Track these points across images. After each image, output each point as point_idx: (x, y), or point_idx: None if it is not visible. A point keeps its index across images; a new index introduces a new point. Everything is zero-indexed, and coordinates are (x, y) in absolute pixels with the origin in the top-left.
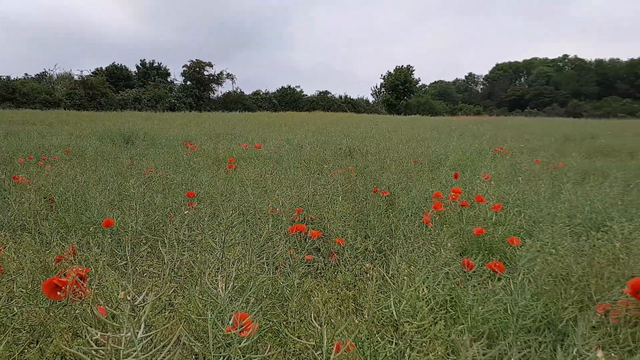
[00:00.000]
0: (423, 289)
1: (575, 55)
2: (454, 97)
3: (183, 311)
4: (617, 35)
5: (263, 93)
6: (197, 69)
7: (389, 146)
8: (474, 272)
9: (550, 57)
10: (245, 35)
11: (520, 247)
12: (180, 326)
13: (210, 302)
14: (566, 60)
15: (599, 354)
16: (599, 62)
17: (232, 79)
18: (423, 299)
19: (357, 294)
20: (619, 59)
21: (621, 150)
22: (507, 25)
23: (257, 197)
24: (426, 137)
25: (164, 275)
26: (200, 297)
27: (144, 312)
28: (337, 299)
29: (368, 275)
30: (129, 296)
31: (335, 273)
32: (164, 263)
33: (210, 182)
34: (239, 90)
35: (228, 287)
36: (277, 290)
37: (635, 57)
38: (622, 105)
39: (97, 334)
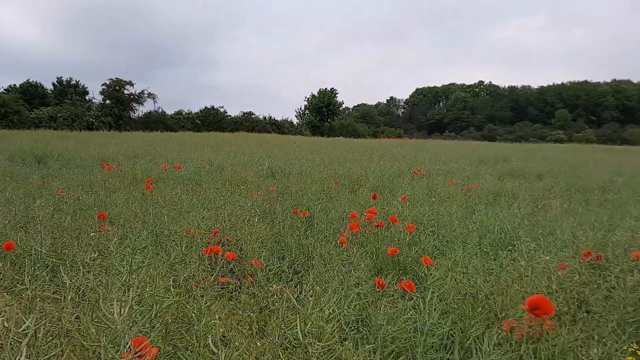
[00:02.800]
0: (329, 310)
1: (490, 82)
2: (376, 120)
3: (77, 338)
4: (527, 64)
5: (186, 113)
6: (117, 87)
7: (311, 167)
8: (385, 291)
9: (467, 83)
10: (167, 54)
11: (432, 266)
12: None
13: (105, 327)
14: (482, 86)
15: None
16: (512, 89)
17: (154, 98)
18: (328, 320)
19: (268, 316)
20: (530, 86)
21: (531, 173)
22: (426, 51)
23: (173, 218)
24: (348, 158)
25: (65, 300)
26: (94, 322)
27: (26, 340)
28: (244, 322)
29: (276, 297)
30: (7, 323)
31: (248, 295)
32: (67, 288)
33: (125, 204)
34: (160, 110)
35: (124, 311)
36: (186, 313)
37: (545, 85)
38: (533, 130)
39: None
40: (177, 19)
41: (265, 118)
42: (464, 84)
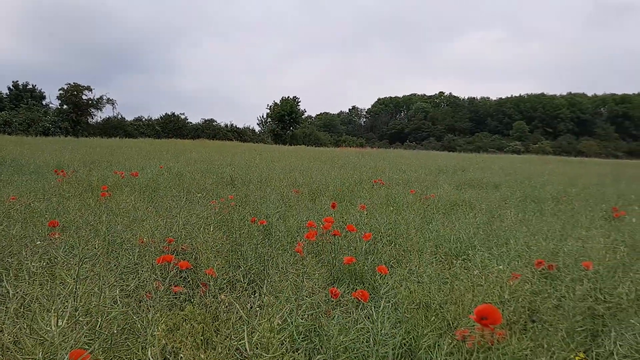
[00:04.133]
0: (278, 320)
1: (450, 93)
2: (339, 129)
3: (14, 352)
4: (487, 76)
5: (146, 119)
6: (75, 92)
7: (272, 176)
8: (339, 301)
9: (428, 93)
10: (127, 58)
11: (388, 275)
12: None
13: (42, 340)
14: (442, 97)
15: None
16: (472, 100)
17: (113, 104)
18: (278, 330)
19: (217, 327)
20: (489, 98)
21: (488, 183)
22: (388, 61)
23: (126, 226)
24: (309, 167)
25: (8, 311)
26: (29, 335)
27: None
28: (189, 333)
29: (224, 307)
30: None
31: (199, 305)
32: (9, 298)
33: (78, 211)
34: (120, 116)
35: (63, 323)
36: (133, 324)
37: (504, 97)
38: (492, 141)
39: None
40: (137, 23)
41: (227, 125)
42: (424, 95)
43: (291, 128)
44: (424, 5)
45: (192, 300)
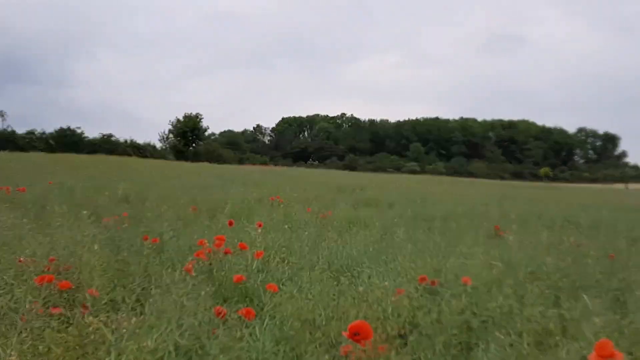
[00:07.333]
0: (151, 341)
1: (352, 114)
2: (243, 146)
3: None
4: (385, 99)
5: (39, 133)
6: None
7: (170, 193)
8: (225, 320)
9: (331, 114)
10: (19, 68)
11: (277, 293)
12: None
13: None
14: (344, 118)
15: None
16: (372, 122)
17: (3, 115)
18: (145, 352)
19: (87, 350)
20: (388, 120)
21: (384, 201)
22: (292, 81)
23: (4, 244)
24: (210, 184)
25: None
26: None
27: None
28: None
29: (93, 329)
30: None
31: (78, 327)
32: None
33: None
34: (10, 129)
35: None
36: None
37: (402, 119)
38: (391, 161)
39: None
40: (30, 31)
41: (126, 141)
42: (327, 115)
43: (194, 145)
44: (324, 28)
45: (70, 322)
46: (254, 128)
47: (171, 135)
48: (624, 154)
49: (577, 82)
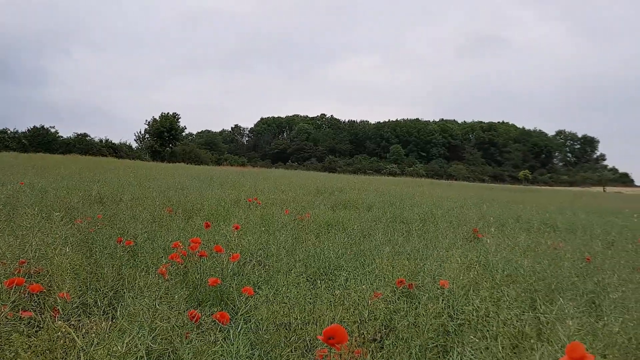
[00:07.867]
0: (121, 346)
1: (332, 115)
2: (221, 147)
3: None
4: (365, 100)
5: (11, 132)
6: None
7: (146, 194)
8: (200, 324)
9: (310, 115)
10: None
11: (252, 297)
12: None
13: None
14: (324, 119)
15: None
16: (352, 123)
17: None
18: (115, 356)
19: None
20: (368, 121)
21: (362, 204)
22: (271, 82)
23: None
24: (187, 185)
25: None
26: None
27: None
28: None
29: (61, 333)
30: None
31: (48, 331)
32: None
33: None
34: None
35: None
36: None
37: (382, 121)
38: (370, 163)
39: None
40: (3, 27)
41: (101, 141)
42: (307, 116)
43: (170, 145)
44: (304, 28)
45: (40, 326)
46: (232, 128)
47: (147, 135)
48: (602, 157)
49: (557, 84)
